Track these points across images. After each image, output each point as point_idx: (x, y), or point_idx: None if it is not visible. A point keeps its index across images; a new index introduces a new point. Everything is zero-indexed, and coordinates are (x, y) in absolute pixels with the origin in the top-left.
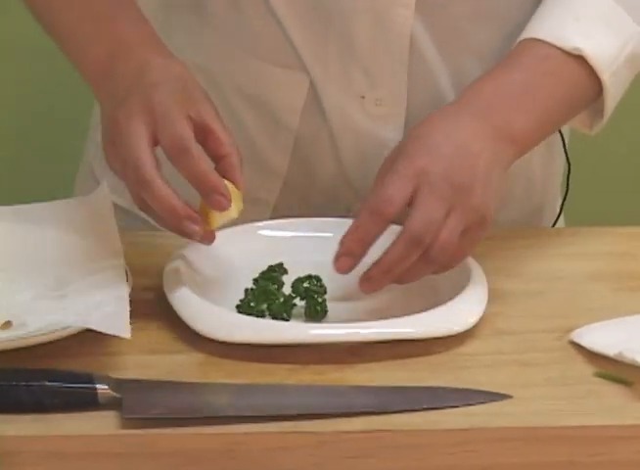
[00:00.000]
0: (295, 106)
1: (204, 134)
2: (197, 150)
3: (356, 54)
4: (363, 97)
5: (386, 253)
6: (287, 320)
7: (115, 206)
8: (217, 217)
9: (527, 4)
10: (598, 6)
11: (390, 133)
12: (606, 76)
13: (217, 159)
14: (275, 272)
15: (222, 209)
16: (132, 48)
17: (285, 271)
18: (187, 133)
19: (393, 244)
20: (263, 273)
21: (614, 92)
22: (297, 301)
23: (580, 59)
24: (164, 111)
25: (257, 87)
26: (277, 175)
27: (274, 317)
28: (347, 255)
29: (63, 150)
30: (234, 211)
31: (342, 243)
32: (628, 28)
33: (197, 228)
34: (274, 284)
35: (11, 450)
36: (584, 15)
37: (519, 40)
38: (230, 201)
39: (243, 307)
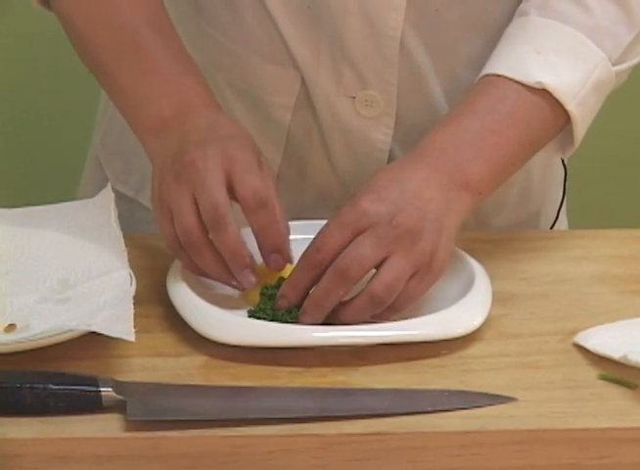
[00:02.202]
0: (286, 103)
1: None
2: (275, 207)
3: (347, 54)
4: (354, 97)
5: (316, 286)
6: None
7: (119, 194)
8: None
9: None
10: (560, 36)
11: (381, 135)
12: (572, 107)
13: None
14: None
15: (278, 267)
16: (199, 106)
17: None
18: (266, 188)
19: (322, 278)
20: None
21: (582, 120)
22: None
23: (543, 92)
24: (245, 162)
25: (250, 83)
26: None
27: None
28: (282, 298)
29: (64, 149)
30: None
31: (282, 285)
32: (593, 56)
33: (253, 279)
34: None
35: (14, 453)
36: (546, 46)
37: (480, 76)
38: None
39: (256, 313)
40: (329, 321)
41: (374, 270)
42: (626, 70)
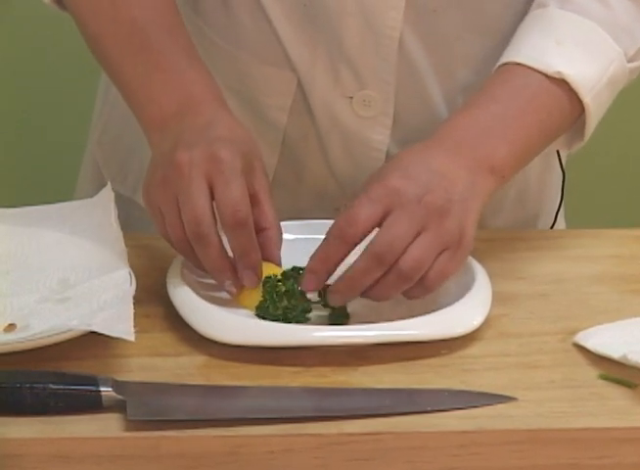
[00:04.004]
0: (282, 104)
1: (251, 203)
2: (252, 225)
3: (345, 54)
4: (351, 97)
5: (350, 267)
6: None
7: (116, 193)
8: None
9: (519, 16)
10: (579, 28)
11: (378, 135)
12: (588, 99)
13: (257, 230)
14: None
15: (252, 285)
16: (201, 103)
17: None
18: (246, 203)
19: (358, 259)
20: (286, 273)
21: (595, 114)
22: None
23: (562, 82)
24: (228, 169)
25: (246, 84)
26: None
27: (295, 320)
28: (312, 273)
29: (64, 149)
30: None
31: (308, 261)
32: (610, 50)
33: (233, 291)
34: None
35: (14, 453)
36: (565, 38)
37: (498, 64)
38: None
39: (263, 309)
40: (330, 321)
41: None
42: (639, 67)
